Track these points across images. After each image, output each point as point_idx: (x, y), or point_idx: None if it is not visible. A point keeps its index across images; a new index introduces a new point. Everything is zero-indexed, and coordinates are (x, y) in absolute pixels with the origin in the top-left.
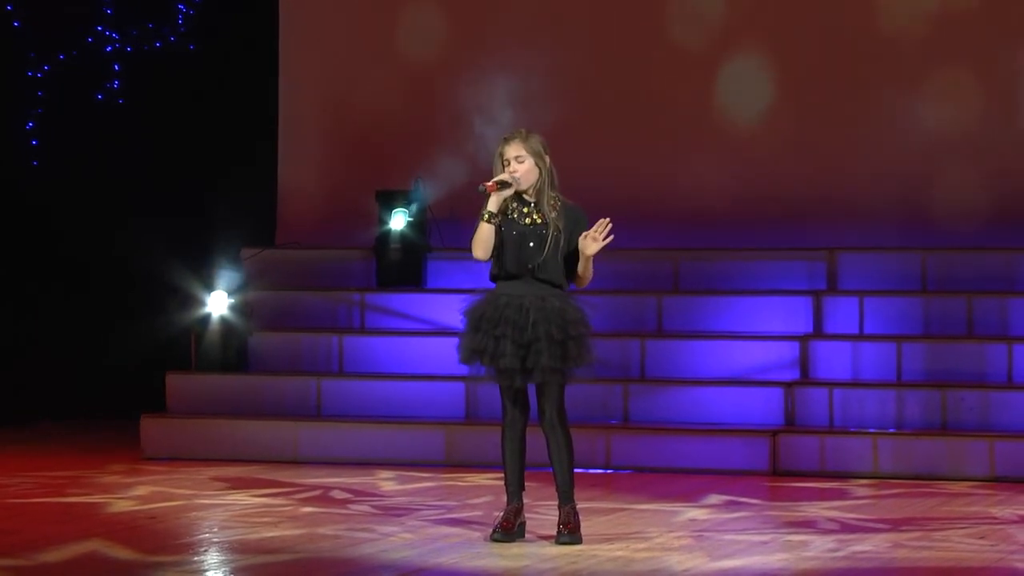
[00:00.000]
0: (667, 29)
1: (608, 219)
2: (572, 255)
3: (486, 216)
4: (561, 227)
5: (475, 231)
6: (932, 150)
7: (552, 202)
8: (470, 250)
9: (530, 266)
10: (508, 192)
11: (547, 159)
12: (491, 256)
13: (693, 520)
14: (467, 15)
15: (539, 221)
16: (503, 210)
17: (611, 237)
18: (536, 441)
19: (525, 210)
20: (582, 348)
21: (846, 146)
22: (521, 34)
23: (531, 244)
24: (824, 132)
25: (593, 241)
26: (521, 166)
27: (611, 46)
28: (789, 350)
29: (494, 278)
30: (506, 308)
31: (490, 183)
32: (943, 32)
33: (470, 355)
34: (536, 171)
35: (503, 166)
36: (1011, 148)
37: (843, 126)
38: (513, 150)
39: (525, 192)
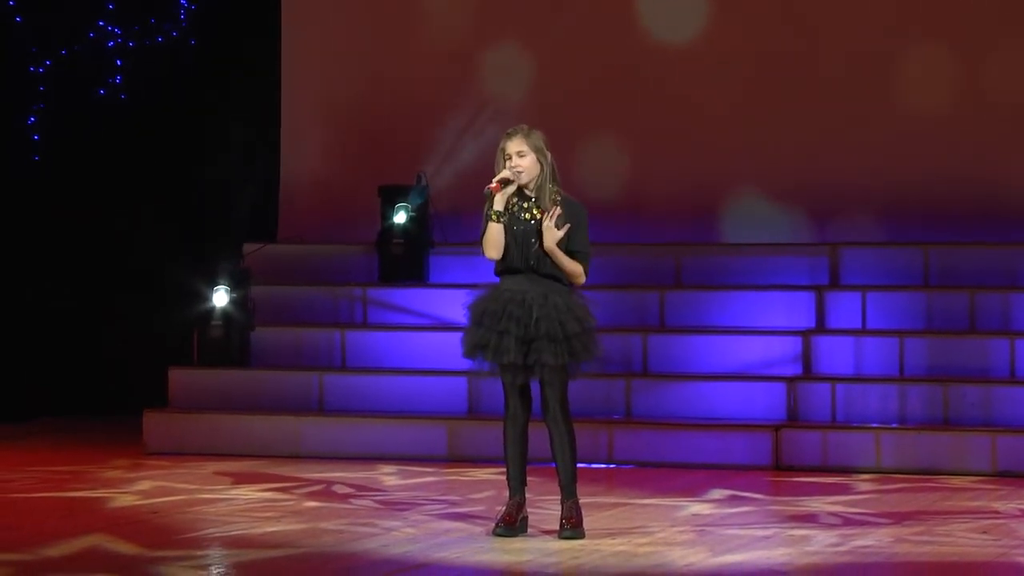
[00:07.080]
0: (668, 29)
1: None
2: (571, 251)
3: (494, 216)
4: (561, 223)
5: (483, 232)
6: (934, 145)
7: (553, 196)
8: (481, 250)
9: (531, 262)
10: (511, 189)
11: (548, 154)
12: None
13: (695, 515)
14: (470, 9)
15: (539, 216)
16: (506, 206)
17: (556, 224)
18: (539, 436)
19: (526, 205)
20: (587, 343)
21: (848, 141)
22: (523, 29)
23: (532, 240)
24: (825, 127)
25: (547, 230)
26: (523, 160)
27: (614, 42)
28: (792, 345)
29: (498, 273)
30: (509, 304)
31: (494, 183)
32: (941, 28)
33: (472, 349)
34: (538, 166)
35: (504, 161)
36: (1010, 145)
37: (844, 121)
38: (515, 145)
39: (526, 187)
